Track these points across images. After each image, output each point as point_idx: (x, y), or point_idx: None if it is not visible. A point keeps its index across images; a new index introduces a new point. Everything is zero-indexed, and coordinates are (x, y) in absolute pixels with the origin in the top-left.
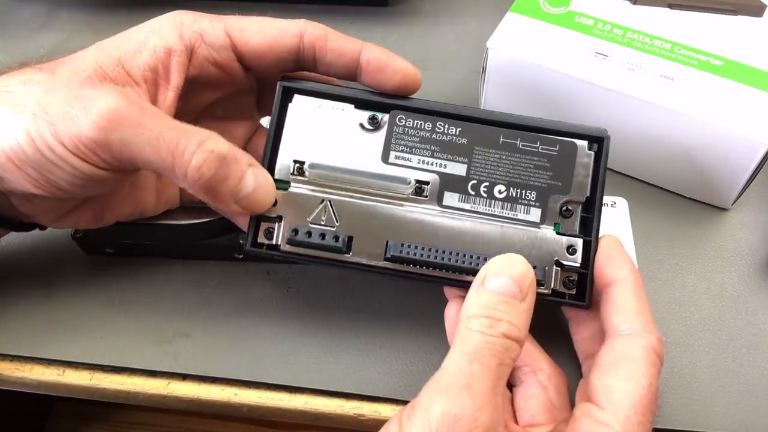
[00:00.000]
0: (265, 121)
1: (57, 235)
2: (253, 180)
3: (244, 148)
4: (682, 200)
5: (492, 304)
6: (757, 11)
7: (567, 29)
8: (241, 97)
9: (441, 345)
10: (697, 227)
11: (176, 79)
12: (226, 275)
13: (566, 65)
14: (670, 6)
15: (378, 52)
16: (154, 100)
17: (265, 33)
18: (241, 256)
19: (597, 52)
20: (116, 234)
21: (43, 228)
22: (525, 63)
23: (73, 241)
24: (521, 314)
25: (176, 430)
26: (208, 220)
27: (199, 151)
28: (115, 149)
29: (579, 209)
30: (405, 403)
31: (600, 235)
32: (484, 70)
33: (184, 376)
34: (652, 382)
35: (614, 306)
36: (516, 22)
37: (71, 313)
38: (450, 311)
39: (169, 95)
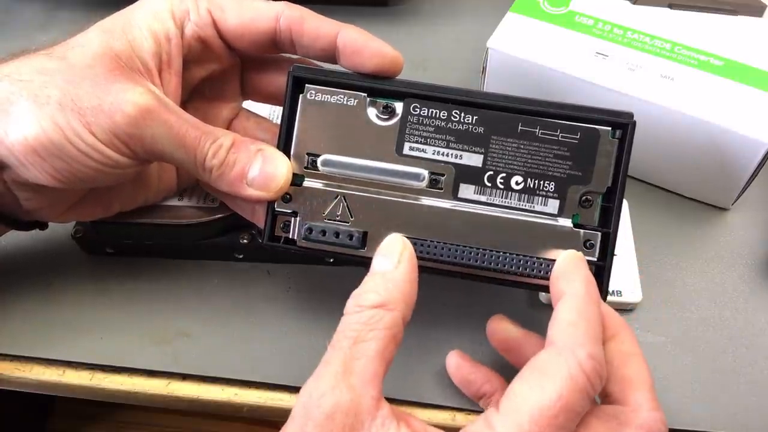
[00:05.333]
0: (248, 104)
1: (57, 235)
2: (261, 159)
3: (226, 129)
4: (682, 200)
5: (363, 283)
6: (757, 11)
7: (567, 29)
8: (226, 77)
9: (442, 344)
10: (697, 227)
11: (177, 63)
12: (226, 275)
13: (566, 65)
14: (670, 6)
15: (355, 34)
16: (163, 88)
17: (243, 14)
18: (241, 256)
19: (597, 52)
20: (116, 234)
21: (43, 228)
22: (525, 63)
23: (73, 241)
24: (389, 281)
25: (176, 430)
26: (208, 219)
27: (213, 146)
28: (146, 143)
29: (599, 199)
30: (405, 402)
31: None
32: (484, 70)
33: (184, 376)
34: (564, 396)
35: (553, 318)
36: (516, 22)
37: (71, 313)
38: (451, 360)
39: (173, 81)
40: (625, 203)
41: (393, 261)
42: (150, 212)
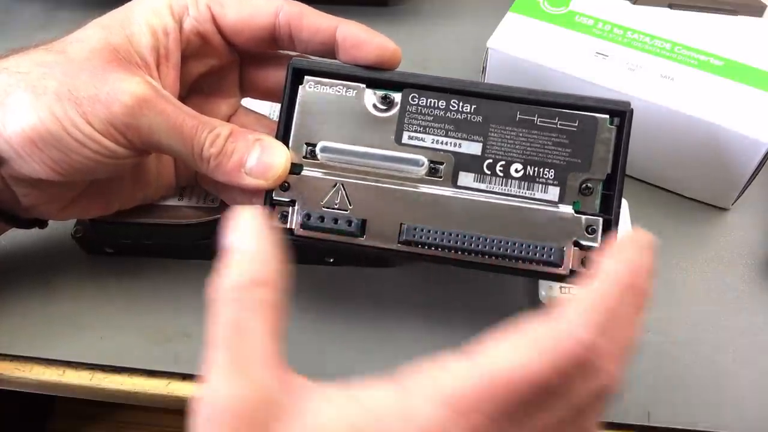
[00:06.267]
0: (246, 102)
1: (57, 235)
2: (259, 147)
3: None
4: (682, 200)
5: (224, 264)
6: (757, 11)
7: (567, 29)
8: (225, 73)
9: (444, 344)
10: (697, 227)
11: (175, 58)
12: None
13: (566, 65)
14: (670, 6)
15: (354, 29)
16: (160, 81)
17: (242, 10)
18: None
19: (597, 52)
20: (116, 234)
21: (42, 226)
22: (525, 63)
23: (73, 241)
24: (252, 254)
25: (176, 430)
26: (208, 219)
27: (211, 135)
28: (143, 133)
29: (599, 187)
30: None
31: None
32: (484, 70)
33: (184, 376)
34: (535, 368)
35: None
36: (516, 22)
37: (71, 312)
38: None
39: (171, 75)
40: (624, 203)
41: (251, 234)
42: (150, 212)
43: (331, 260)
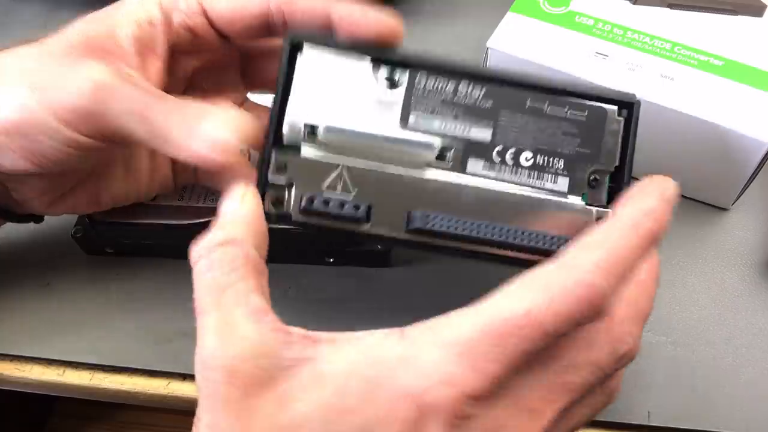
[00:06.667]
0: (253, 97)
1: (57, 235)
2: (214, 120)
3: None
4: (682, 200)
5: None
6: (757, 11)
7: (567, 29)
8: (223, 68)
9: None
10: (697, 227)
11: (161, 49)
12: None
13: (566, 65)
14: (670, 6)
15: (350, 7)
16: (143, 71)
17: (232, 0)
18: None
19: (597, 52)
20: (116, 234)
21: (38, 221)
22: (525, 63)
23: (73, 241)
24: (234, 217)
25: (176, 430)
26: (208, 220)
27: (174, 118)
28: (103, 120)
29: (607, 179)
30: None
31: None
32: None
33: (184, 376)
34: (541, 311)
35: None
36: (516, 22)
37: (71, 313)
38: None
39: (155, 65)
40: None
41: (237, 199)
42: (150, 212)
43: (331, 260)
